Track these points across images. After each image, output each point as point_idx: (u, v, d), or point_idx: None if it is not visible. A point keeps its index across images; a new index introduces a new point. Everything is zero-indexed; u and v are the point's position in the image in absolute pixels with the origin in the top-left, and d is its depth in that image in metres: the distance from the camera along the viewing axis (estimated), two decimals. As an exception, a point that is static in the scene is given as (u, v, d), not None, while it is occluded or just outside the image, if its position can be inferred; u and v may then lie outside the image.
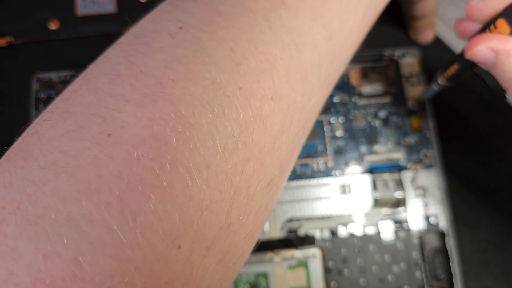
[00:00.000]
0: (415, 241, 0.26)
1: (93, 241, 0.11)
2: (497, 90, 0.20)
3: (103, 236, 0.11)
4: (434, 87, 0.25)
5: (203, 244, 0.13)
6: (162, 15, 0.15)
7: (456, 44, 0.29)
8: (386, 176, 0.27)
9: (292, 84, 0.15)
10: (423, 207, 0.27)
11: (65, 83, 0.28)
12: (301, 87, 0.16)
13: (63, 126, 0.12)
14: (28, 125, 0.13)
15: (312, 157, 0.27)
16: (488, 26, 0.19)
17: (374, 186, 0.27)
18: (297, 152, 0.17)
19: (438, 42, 0.30)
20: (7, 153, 0.13)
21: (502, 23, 0.19)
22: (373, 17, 0.20)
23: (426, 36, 0.29)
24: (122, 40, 0.15)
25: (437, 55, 0.30)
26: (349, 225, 0.26)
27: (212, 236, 0.13)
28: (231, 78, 0.13)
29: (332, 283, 0.26)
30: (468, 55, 0.20)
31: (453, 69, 0.22)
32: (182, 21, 0.14)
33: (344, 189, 0.27)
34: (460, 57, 0.22)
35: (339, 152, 0.28)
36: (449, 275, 0.26)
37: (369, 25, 0.20)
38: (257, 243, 0.16)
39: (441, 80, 0.24)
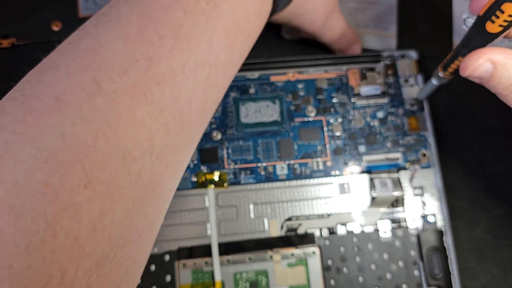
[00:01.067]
0: (413, 239, 0.27)
1: None
2: None
3: None
4: (434, 82, 0.25)
5: None
6: None
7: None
8: (385, 175, 0.27)
9: (111, 166, 0.15)
10: (421, 206, 0.27)
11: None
12: (123, 166, 0.16)
13: None
14: None
15: (312, 157, 0.28)
16: (493, 11, 0.19)
17: (373, 186, 0.27)
18: (139, 225, 0.17)
19: (436, 43, 0.31)
20: None
21: (509, 6, 0.18)
22: (229, 72, 0.20)
23: (353, 52, 0.31)
24: None
25: (435, 56, 0.30)
26: (348, 224, 0.27)
27: None
28: (35, 177, 0.14)
29: (331, 281, 0.26)
30: (467, 74, 0.20)
31: (456, 63, 0.22)
32: None
33: (343, 189, 0.27)
34: (462, 49, 0.21)
35: (338, 152, 0.28)
36: (447, 273, 0.26)
37: (224, 77, 0.20)
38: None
39: (442, 74, 0.24)
